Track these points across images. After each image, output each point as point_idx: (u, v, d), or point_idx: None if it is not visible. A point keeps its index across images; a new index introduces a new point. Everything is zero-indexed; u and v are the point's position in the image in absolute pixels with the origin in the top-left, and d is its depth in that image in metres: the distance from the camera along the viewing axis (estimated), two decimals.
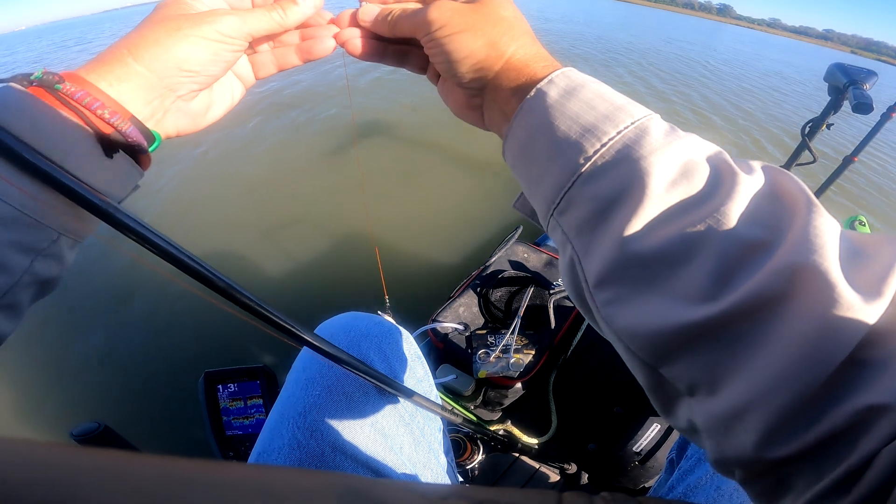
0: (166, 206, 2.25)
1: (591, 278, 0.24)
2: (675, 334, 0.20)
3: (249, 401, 0.73)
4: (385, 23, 0.31)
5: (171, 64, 0.27)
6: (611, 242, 0.23)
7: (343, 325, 0.49)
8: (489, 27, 0.28)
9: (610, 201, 0.23)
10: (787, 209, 0.21)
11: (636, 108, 0.25)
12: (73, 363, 1.46)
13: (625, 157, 0.23)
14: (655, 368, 0.22)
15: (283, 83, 3.77)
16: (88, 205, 0.24)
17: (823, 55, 21.04)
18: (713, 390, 0.19)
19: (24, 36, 12.88)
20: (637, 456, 0.88)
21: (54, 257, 0.26)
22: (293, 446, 0.40)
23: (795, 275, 0.18)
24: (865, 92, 1.17)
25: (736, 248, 0.20)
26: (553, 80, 0.26)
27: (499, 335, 1.00)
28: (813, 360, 0.17)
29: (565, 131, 0.25)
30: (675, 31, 16.01)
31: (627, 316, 0.22)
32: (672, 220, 0.22)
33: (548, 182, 0.26)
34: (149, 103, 0.27)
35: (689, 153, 0.23)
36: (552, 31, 8.93)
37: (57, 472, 0.10)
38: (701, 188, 0.22)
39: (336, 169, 2.59)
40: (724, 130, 3.98)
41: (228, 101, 0.34)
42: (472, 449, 0.82)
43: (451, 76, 0.30)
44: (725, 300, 0.19)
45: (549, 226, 0.27)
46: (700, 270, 0.20)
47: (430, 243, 1.98)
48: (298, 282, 1.75)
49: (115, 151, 0.26)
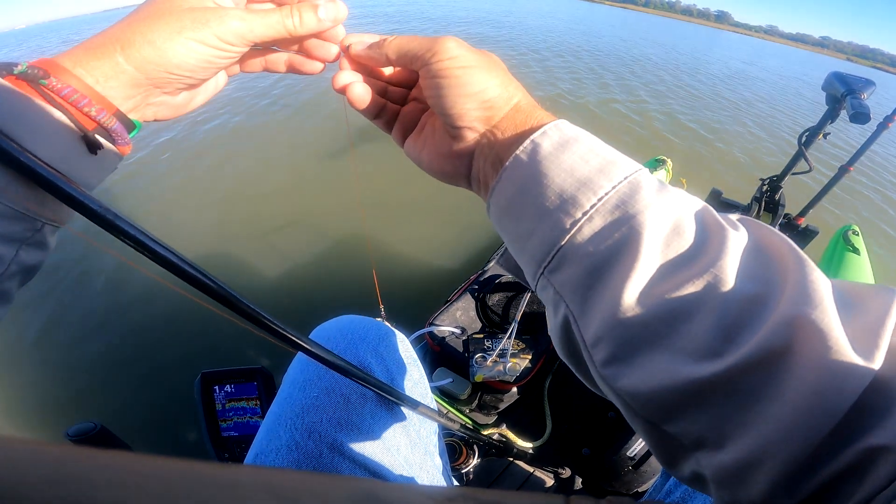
0: (155, 202, 2.24)
1: (588, 338, 0.23)
2: (681, 392, 0.20)
3: (246, 402, 0.73)
4: (385, 47, 0.29)
5: (163, 68, 0.26)
6: (609, 301, 0.22)
7: (340, 327, 0.50)
8: (500, 72, 0.28)
9: (607, 258, 0.23)
10: (776, 263, 0.22)
11: (627, 161, 0.25)
12: (69, 363, 1.46)
13: (621, 213, 0.23)
14: (658, 426, 0.22)
15: (274, 78, 3.75)
16: (69, 199, 0.23)
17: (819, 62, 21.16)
18: (721, 444, 0.20)
19: (24, 34, 12.84)
20: (631, 461, 0.88)
21: (38, 245, 0.26)
22: (290, 447, 0.40)
23: (798, 329, 0.19)
24: (863, 102, 1.18)
25: (736, 303, 0.20)
26: (546, 132, 0.25)
27: (496, 339, 1.01)
28: (821, 411, 0.17)
29: (560, 184, 0.24)
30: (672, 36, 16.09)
31: (630, 375, 0.22)
32: (669, 277, 0.22)
33: (538, 237, 0.25)
34: (132, 98, 0.27)
35: (679, 208, 0.23)
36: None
37: (72, 471, 0.10)
38: (692, 243, 0.22)
39: (330, 170, 2.58)
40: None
41: (212, 90, 0.33)
42: (467, 453, 0.83)
43: (451, 113, 0.27)
44: (732, 356, 0.19)
45: (539, 284, 0.26)
46: (702, 327, 0.20)
47: (427, 247, 1.98)
48: (292, 285, 1.75)
49: (99, 148, 0.26)
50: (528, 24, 11.26)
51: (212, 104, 2.93)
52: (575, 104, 4.45)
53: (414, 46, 0.28)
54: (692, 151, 3.66)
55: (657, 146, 3.50)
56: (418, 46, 0.27)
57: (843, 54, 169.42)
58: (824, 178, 1.60)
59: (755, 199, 1.70)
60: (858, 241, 1.61)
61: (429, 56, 0.27)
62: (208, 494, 0.11)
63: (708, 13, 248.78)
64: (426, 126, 0.32)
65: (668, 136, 3.88)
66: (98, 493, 0.09)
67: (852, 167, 1.49)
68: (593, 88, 5.17)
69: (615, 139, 3.02)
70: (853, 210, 2.98)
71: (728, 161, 3.57)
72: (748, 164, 3.55)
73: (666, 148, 3.46)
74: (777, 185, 1.66)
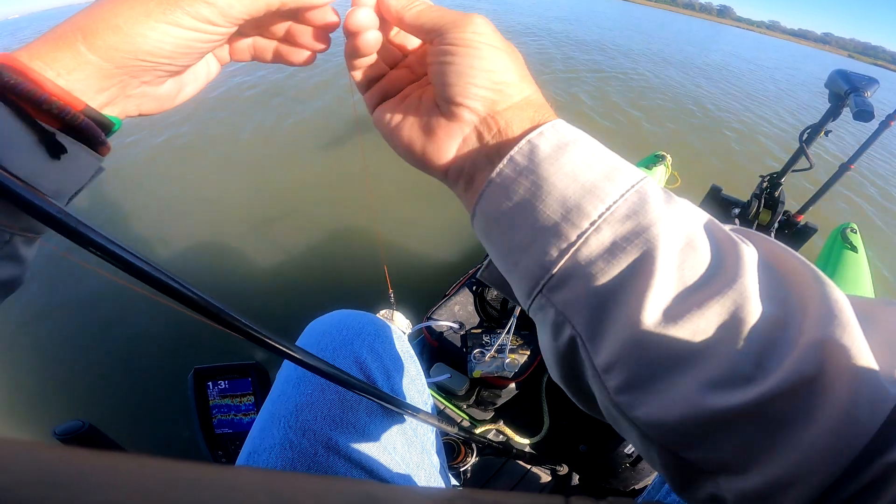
0: (154, 196, 2.21)
1: (600, 363, 0.21)
2: (707, 421, 0.19)
3: (240, 399, 0.72)
4: (409, 10, 0.26)
5: (132, 56, 0.23)
6: (625, 322, 0.20)
7: (335, 323, 0.49)
8: (521, 64, 0.26)
9: (622, 275, 0.21)
10: (790, 280, 0.21)
11: (630, 167, 0.23)
12: (55, 359, 1.43)
13: (632, 225, 0.21)
14: (676, 453, 0.21)
15: (273, 66, 3.71)
16: (27, 206, 0.20)
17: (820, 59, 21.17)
18: (747, 468, 0.19)
19: (16, 25, 12.64)
20: (628, 458, 0.88)
21: (10, 258, 0.24)
22: (285, 446, 0.39)
23: (828, 353, 0.18)
24: (867, 100, 1.18)
25: (761, 325, 0.19)
26: (543, 132, 0.23)
27: (494, 334, 1.00)
28: (853, 433, 0.17)
29: (562, 191, 0.22)
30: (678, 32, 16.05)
31: (648, 404, 0.20)
32: (689, 296, 0.20)
33: (537, 250, 0.22)
34: (105, 90, 0.24)
35: (689, 221, 0.22)
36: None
37: (64, 471, 0.09)
38: (709, 259, 0.21)
39: (336, 160, 2.57)
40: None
41: (203, 80, 0.30)
42: (465, 452, 0.82)
43: (455, 84, 0.24)
44: (762, 383, 0.18)
45: (534, 305, 0.24)
46: (728, 351, 0.19)
47: (425, 240, 1.97)
48: (296, 275, 1.74)
49: (62, 152, 0.23)
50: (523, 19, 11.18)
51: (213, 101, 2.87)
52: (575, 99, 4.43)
53: (440, 17, 0.25)
54: (691, 147, 3.66)
55: (648, 141, 3.50)
56: (446, 19, 0.25)
57: (844, 51, 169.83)
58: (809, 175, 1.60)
59: (755, 195, 1.69)
60: (856, 238, 1.61)
61: (452, 27, 0.24)
62: (202, 497, 0.10)
63: (710, 7, 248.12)
64: (410, 97, 0.28)
65: (655, 131, 3.87)
66: (89, 497, 0.09)
67: (853, 165, 1.49)
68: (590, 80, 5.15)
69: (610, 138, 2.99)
70: (853, 208, 2.99)
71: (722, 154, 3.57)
72: (748, 161, 3.55)
73: (661, 142, 3.46)
74: (777, 182, 1.66)
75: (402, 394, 0.48)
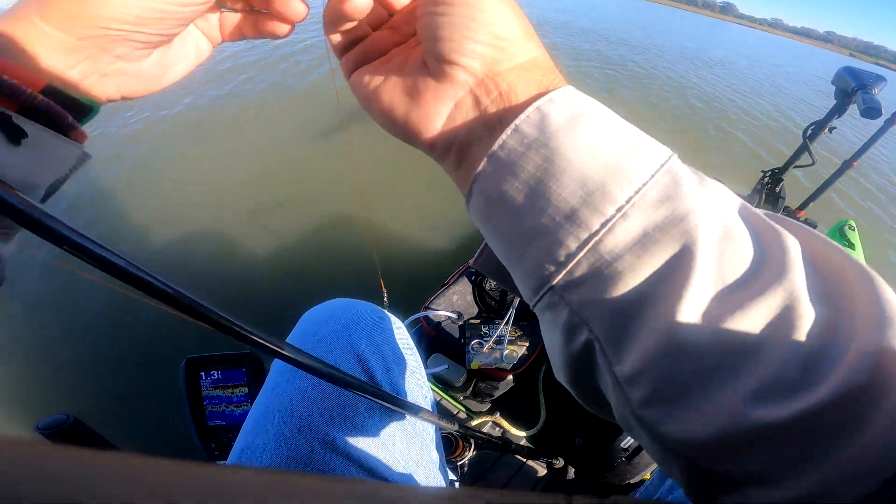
0: (132, 179, 2.12)
1: (623, 372, 0.19)
2: (750, 434, 0.17)
3: (234, 389, 0.71)
4: None
5: (93, 24, 0.21)
6: (656, 327, 0.18)
7: (331, 312, 0.47)
8: (526, 21, 0.22)
9: (655, 275, 0.18)
10: (836, 277, 0.19)
11: (655, 142, 0.20)
12: (39, 350, 1.38)
13: (666, 212, 0.18)
14: (703, 466, 0.19)
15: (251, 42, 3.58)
16: None
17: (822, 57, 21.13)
18: (782, 479, 0.17)
19: None
20: (624, 452, 0.88)
21: None
22: (279, 442, 0.38)
23: (884, 360, 0.16)
24: (874, 97, 1.17)
25: (812, 329, 0.17)
26: (553, 100, 0.20)
27: (493, 325, 0.99)
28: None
29: (581, 168, 0.19)
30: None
31: (680, 419, 0.18)
32: (731, 295, 0.18)
33: (548, 240, 0.19)
34: (73, 67, 0.22)
35: (724, 206, 0.19)
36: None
37: (66, 468, 0.09)
38: (751, 252, 0.18)
39: (322, 146, 2.50)
40: None
41: (193, 60, 0.28)
42: (463, 446, 0.82)
43: (450, 39, 0.21)
44: (812, 394, 0.16)
45: (543, 302, 0.20)
46: (774, 359, 0.17)
47: (423, 229, 1.95)
48: (288, 267, 1.71)
49: (22, 136, 0.20)
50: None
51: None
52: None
53: None
54: (690, 140, 3.64)
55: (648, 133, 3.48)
56: None
57: (846, 50, 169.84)
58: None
59: (756, 190, 1.69)
60: (854, 236, 1.61)
61: None
62: (207, 497, 0.10)
63: (713, 3, 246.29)
64: (394, 59, 0.25)
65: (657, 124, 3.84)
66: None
67: (856, 162, 1.48)
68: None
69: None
70: (852, 205, 3.00)
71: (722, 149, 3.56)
72: (748, 156, 3.54)
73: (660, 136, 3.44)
74: (779, 178, 1.65)
75: (402, 388, 0.47)
